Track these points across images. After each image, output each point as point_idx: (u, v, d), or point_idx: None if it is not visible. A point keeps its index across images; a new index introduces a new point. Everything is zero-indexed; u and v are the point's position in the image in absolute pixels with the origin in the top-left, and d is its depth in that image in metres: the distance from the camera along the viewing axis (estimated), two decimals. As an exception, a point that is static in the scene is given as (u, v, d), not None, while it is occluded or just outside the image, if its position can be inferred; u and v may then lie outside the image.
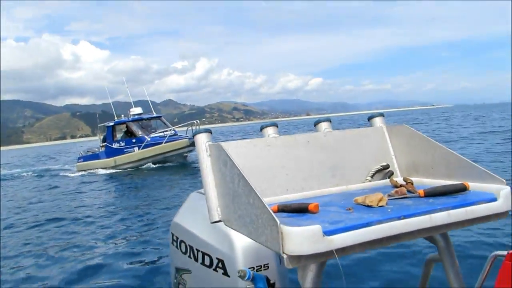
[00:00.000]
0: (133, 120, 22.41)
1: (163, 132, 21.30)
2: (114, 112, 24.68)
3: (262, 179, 1.35)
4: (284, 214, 1.14)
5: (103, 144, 23.19)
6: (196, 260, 1.94)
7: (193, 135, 1.36)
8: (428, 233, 1.08)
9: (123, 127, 23.04)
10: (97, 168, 21.84)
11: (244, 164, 1.34)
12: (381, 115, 1.62)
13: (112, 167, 21.53)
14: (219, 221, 1.27)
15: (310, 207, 1.11)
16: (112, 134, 22.82)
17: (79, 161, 23.67)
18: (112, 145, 22.33)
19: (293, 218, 1.09)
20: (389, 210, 1.08)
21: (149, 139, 20.76)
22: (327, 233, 0.93)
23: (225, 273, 1.80)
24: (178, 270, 2.10)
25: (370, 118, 1.62)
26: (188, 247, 1.99)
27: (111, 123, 23.06)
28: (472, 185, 1.22)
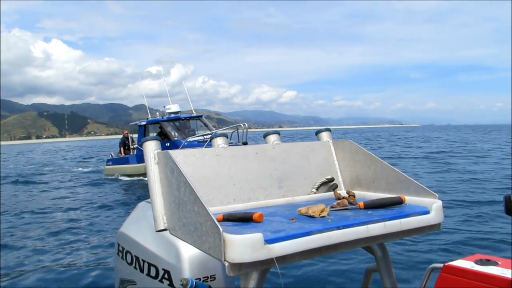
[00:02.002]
0: (168, 120, 18.66)
1: (202, 136, 16.93)
2: (147, 108, 20.66)
3: (209, 188, 1.36)
4: (229, 223, 1.15)
5: (122, 147, 19.86)
6: (142, 271, 1.90)
7: (141, 143, 1.35)
8: (365, 243, 1.13)
9: (157, 127, 19.26)
10: (127, 174, 18.88)
11: (193, 173, 1.34)
12: (328, 130, 1.68)
13: (143, 174, 17.33)
14: (165, 229, 1.27)
15: (255, 216, 1.13)
16: (144, 135, 19.07)
17: (107, 164, 20.62)
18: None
19: (237, 227, 1.10)
20: (329, 221, 1.12)
21: (185, 144, 16.28)
22: (268, 241, 0.96)
23: (171, 284, 1.78)
24: (122, 281, 2.04)
25: (318, 132, 1.68)
26: (134, 258, 1.95)
27: (143, 122, 19.37)
28: (409, 199, 1.29)
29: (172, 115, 19.07)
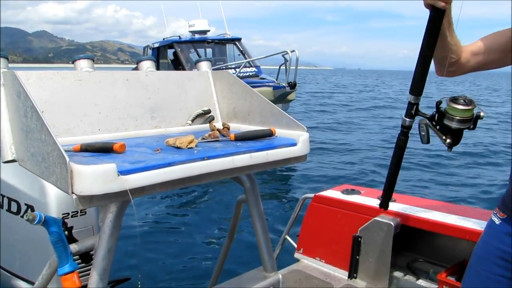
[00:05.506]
0: (187, 41, 12.68)
1: (234, 68, 11.07)
2: (165, 22, 14.73)
3: (70, 116, 1.23)
4: (87, 154, 1.06)
5: None
6: (1, 206, 1.73)
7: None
8: (231, 174, 1.13)
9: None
10: None
11: (49, 98, 1.20)
12: (208, 60, 1.61)
13: None
14: (13, 160, 1.13)
15: (115, 147, 1.05)
16: (158, 62, 12.94)
17: None
18: None
19: (94, 157, 1.01)
20: (195, 152, 1.08)
21: None
22: (124, 172, 0.89)
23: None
24: (-22, 218, 1.85)
25: (197, 62, 1.60)
26: None
27: (157, 44, 13.68)
28: (279, 132, 1.30)
29: (196, 36, 13.19)
